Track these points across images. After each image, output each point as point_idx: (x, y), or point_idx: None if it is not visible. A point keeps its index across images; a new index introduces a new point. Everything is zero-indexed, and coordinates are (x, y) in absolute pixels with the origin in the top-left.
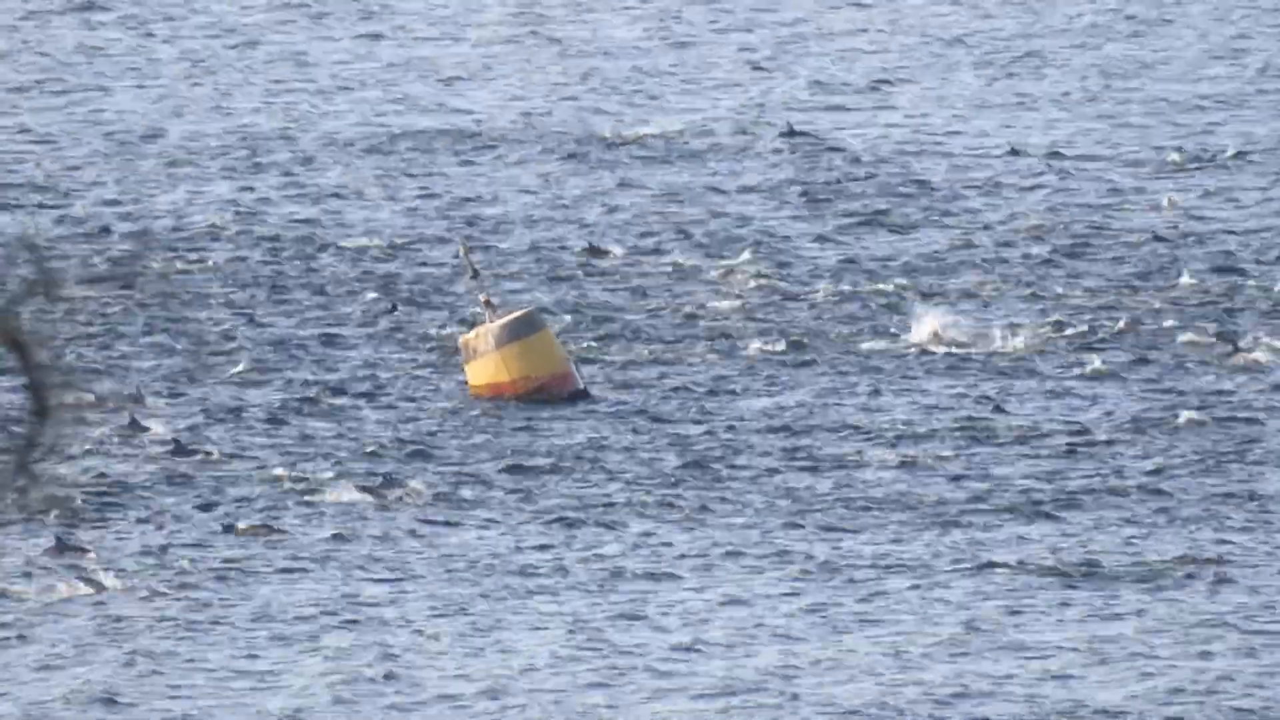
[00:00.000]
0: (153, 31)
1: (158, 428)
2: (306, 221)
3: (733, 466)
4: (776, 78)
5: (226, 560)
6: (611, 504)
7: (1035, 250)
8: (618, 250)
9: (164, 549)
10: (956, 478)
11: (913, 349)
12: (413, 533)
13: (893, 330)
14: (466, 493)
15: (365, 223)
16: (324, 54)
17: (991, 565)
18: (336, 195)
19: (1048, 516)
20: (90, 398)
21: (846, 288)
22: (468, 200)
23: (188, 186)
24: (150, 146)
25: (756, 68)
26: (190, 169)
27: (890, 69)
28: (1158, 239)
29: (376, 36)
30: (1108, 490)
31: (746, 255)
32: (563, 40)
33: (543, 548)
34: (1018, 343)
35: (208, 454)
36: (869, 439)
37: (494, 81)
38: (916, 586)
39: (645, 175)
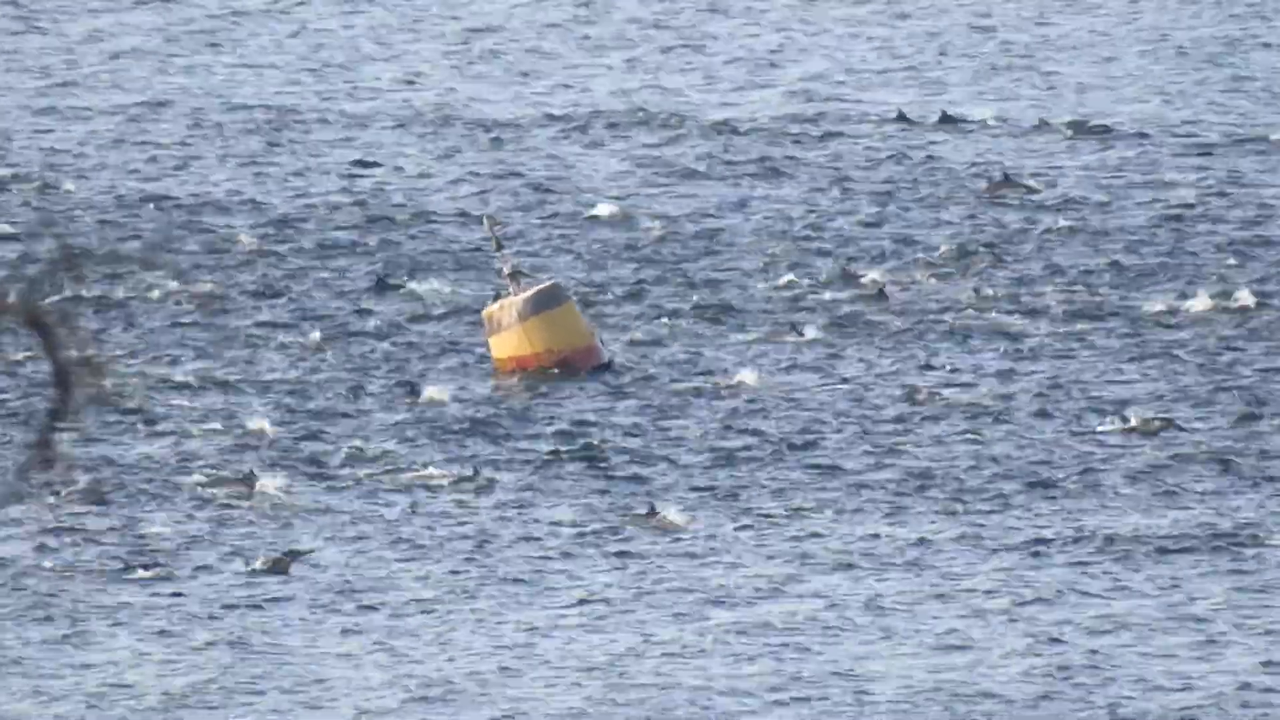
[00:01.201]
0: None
1: (177, 405)
2: (323, 195)
3: (758, 443)
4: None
5: (243, 538)
6: (636, 479)
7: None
8: (643, 223)
9: (180, 527)
10: (976, 455)
11: (946, 320)
12: (432, 508)
13: (919, 304)
14: (488, 467)
15: (384, 194)
16: (346, 30)
17: (1002, 545)
18: (352, 173)
19: (1066, 490)
20: (112, 378)
21: (860, 267)
22: (495, 176)
23: (200, 165)
24: (156, 124)
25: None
26: (200, 146)
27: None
28: (1167, 216)
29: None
30: (1132, 464)
31: (766, 233)
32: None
33: (565, 524)
34: (1021, 317)
35: (224, 431)
36: (898, 415)
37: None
38: (960, 563)
39: (656, 154)
